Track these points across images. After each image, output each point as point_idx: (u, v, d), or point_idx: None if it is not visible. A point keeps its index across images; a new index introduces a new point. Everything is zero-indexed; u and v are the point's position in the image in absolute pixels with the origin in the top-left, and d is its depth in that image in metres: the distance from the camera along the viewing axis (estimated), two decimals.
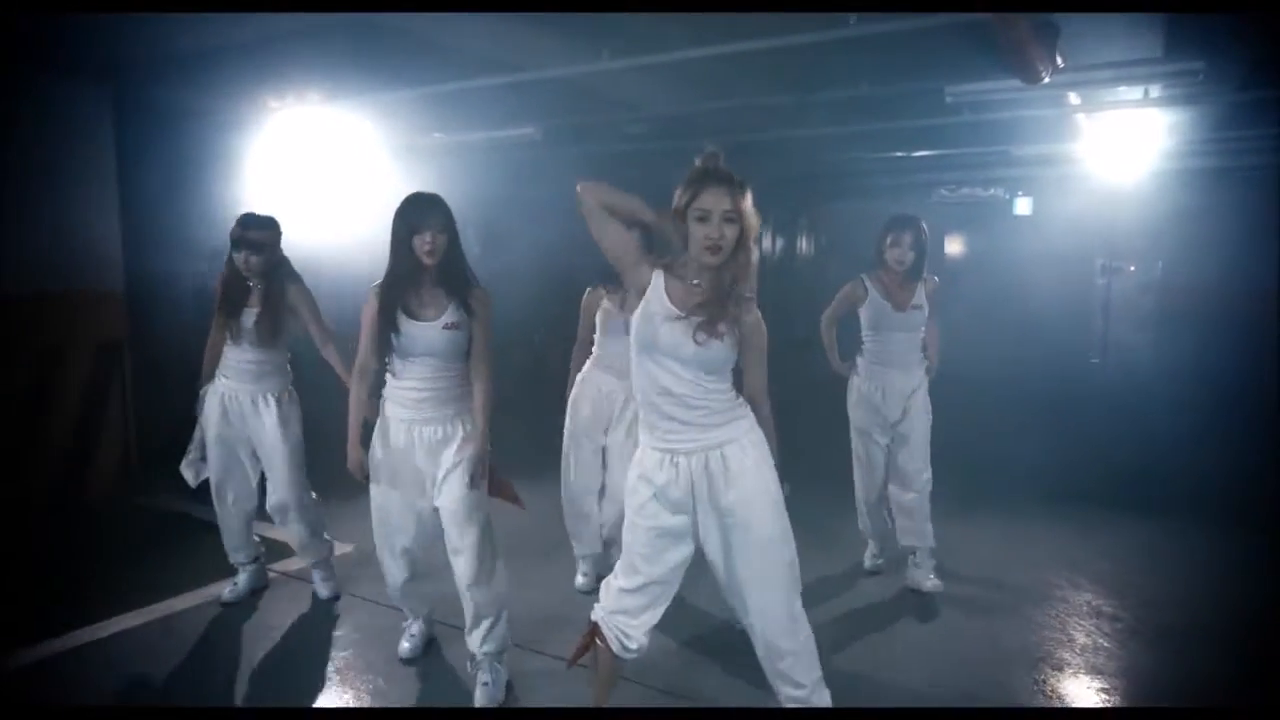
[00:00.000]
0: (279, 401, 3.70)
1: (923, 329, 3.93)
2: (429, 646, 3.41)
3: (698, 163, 2.34)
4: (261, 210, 3.72)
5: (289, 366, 3.81)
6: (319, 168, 6.50)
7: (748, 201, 2.28)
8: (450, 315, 2.87)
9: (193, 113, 5.79)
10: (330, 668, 3.30)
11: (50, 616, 3.60)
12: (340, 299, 5.72)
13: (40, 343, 5.00)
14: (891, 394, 3.93)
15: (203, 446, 3.74)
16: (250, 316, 3.61)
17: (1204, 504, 5.15)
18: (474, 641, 3.02)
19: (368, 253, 6.34)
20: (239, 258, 3.59)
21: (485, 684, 3.01)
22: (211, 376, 3.73)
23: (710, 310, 2.30)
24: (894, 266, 3.82)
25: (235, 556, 3.89)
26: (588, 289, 3.84)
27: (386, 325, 2.85)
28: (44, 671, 3.26)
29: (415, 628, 3.38)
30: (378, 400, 3.03)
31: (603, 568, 3.80)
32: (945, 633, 3.62)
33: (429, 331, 2.86)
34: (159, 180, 5.63)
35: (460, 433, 2.94)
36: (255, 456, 3.76)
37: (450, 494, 2.92)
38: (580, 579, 4.03)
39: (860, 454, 4.08)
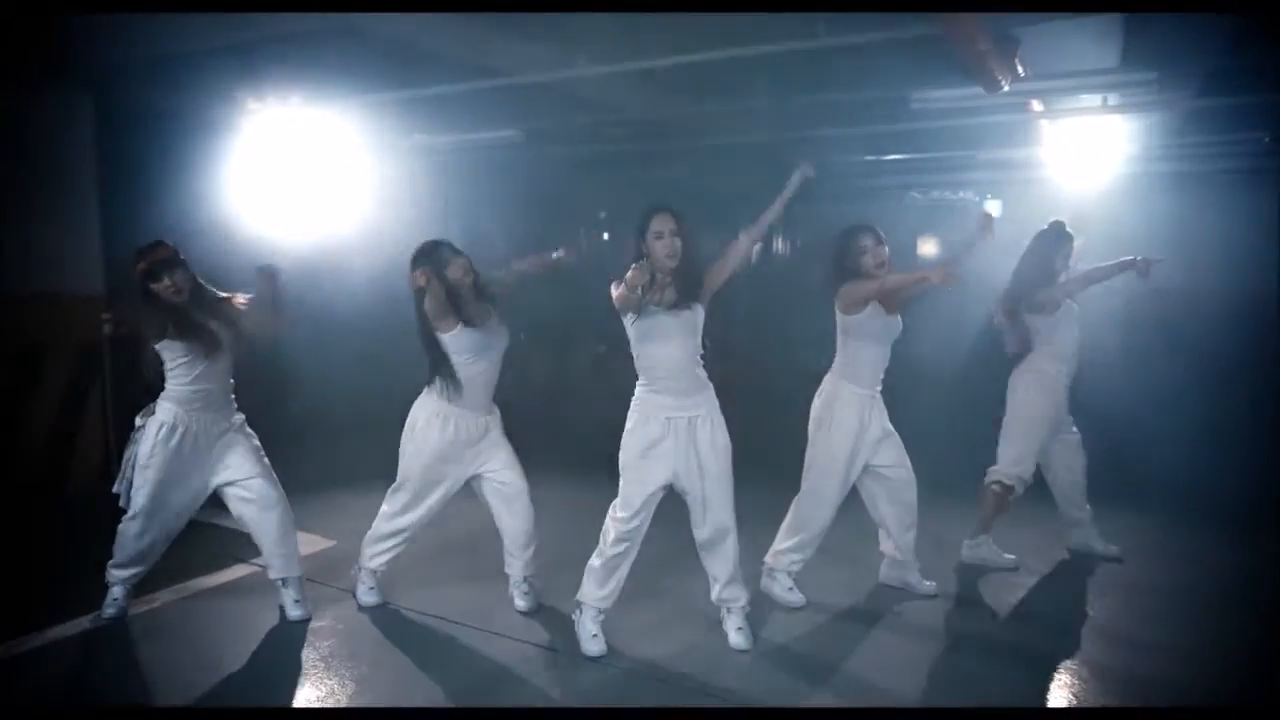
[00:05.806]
0: (243, 426, 3.58)
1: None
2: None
3: None
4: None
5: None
6: (300, 170, 6.51)
7: None
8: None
9: (173, 115, 5.79)
10: (316, 658, 3.36)
11: (30, 614, 3.57)
12: (321, 295, 5.79)
13: (23, 344, 5.03)
14: (873, 416, 3.75)
15: (133, 469, 3.47)
16: (219, 341, 3.45)
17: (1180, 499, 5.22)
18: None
19: (350, 253, 6.45)
20: (168, 285, 3.37)
21: None
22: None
23: None
24: (877, 271, 3.63)
25: (119, 574, 3.51)
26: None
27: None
28: (18, 669, 3.22)
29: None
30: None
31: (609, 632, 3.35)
32: (944, 633, 3.62)
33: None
34: (139, 184, 5.64)
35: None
36: (199, 493, 3.53)
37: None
38: (592, 638, 3.31)
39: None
